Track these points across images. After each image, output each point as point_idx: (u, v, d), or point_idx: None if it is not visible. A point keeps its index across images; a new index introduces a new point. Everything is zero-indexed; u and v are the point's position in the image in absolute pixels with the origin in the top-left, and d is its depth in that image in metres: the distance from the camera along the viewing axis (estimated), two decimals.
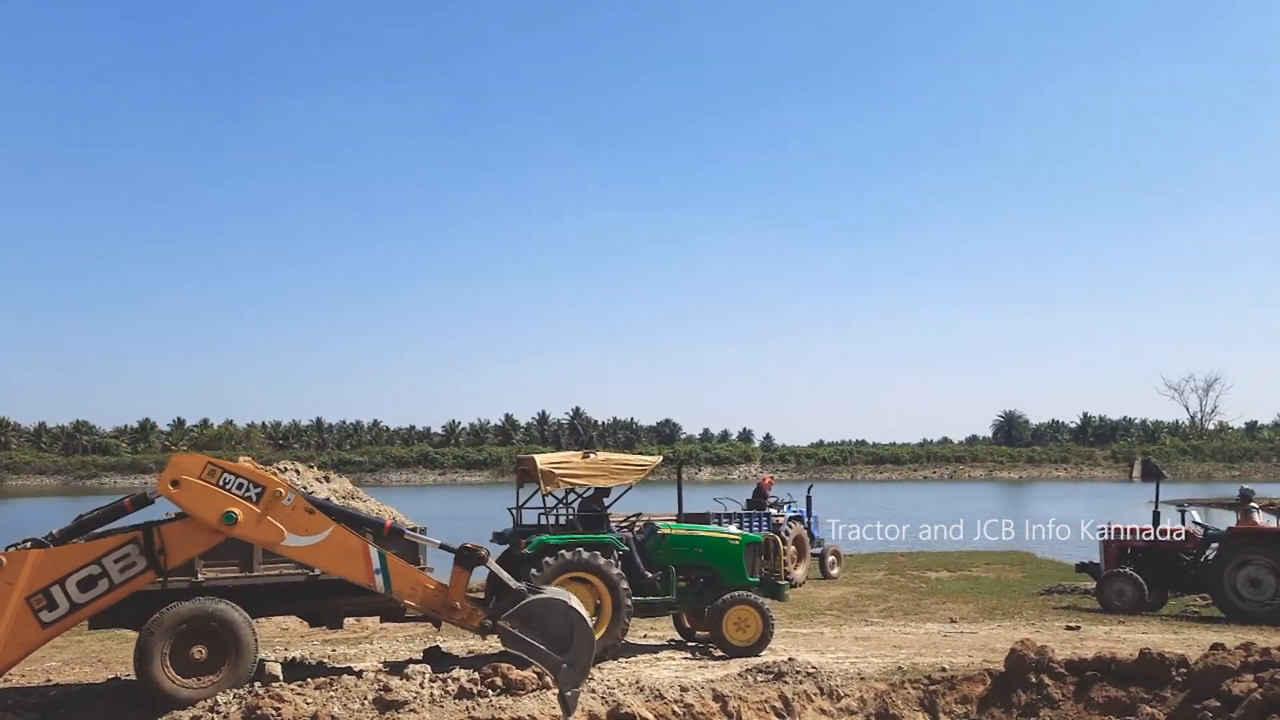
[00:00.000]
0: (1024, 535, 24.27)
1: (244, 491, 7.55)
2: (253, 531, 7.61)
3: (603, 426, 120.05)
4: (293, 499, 7.66)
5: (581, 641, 7.62)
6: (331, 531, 7.73)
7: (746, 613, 10.70)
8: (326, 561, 7.89)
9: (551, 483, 10.71)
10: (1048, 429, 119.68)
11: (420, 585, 7.97)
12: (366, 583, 7.83)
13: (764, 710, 8.87)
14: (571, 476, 10.85)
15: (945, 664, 9.85)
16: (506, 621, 7.59)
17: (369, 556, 7.77)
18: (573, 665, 7.56)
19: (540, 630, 7.57)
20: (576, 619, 7.68)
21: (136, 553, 7.67)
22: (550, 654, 7.54)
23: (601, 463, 11.07)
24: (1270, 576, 13.92)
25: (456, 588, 7.90)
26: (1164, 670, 8.61)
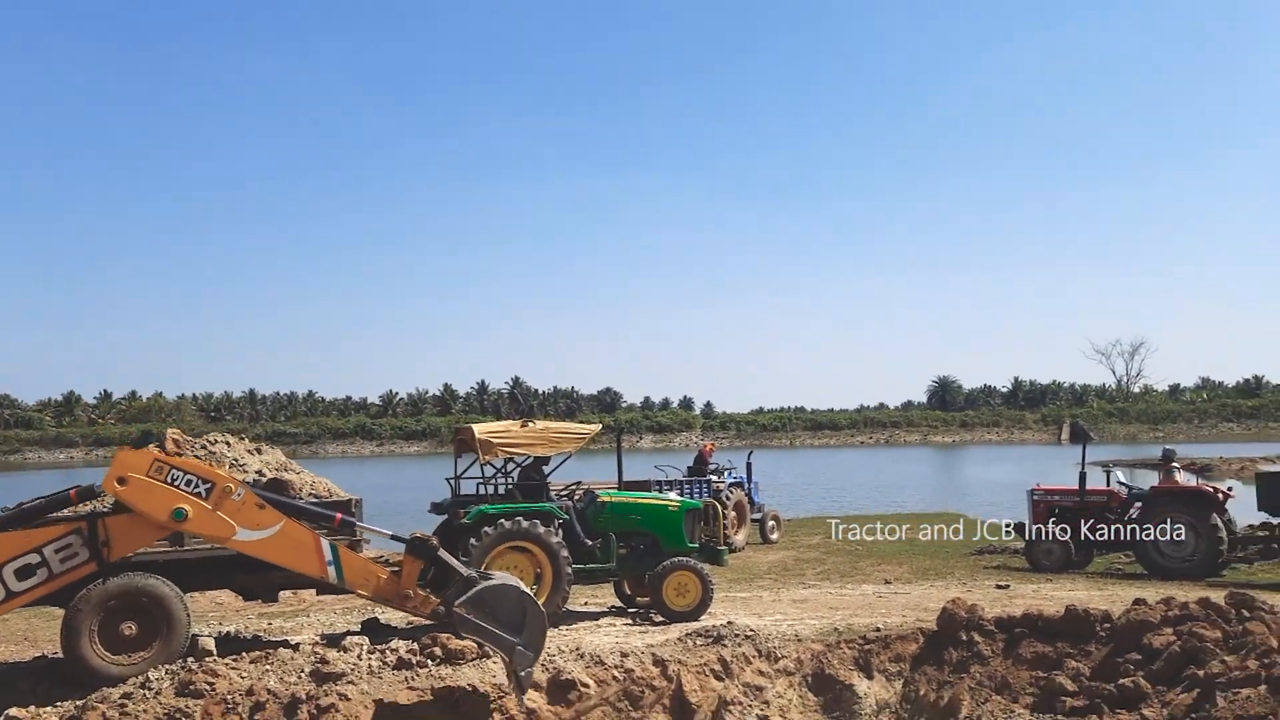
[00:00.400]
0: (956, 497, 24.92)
1: (193, 487, 7.52)
2: (203, 527, 7.57)
3: (543, 396, 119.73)
4: (243, 494, 7.65)
5: (534, 623, 7.75)
6: (283, 525, 7.75)
7: (686, 578, 10.79)
8: (278, 555, 7.89)
9: (490, 452, 10.66)
10: (980, 394, 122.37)
11: (373, 575, 7.98)
12: (319, 575, 7.86)
13: (703, 673, 8.97)
14: (510, 446, 10.80)
15: (880, 624, 10.05)
16: (461, 608, 7.65)
17: (321, 549, 7.79)
18: (526, 646, 7.70)
19: (493, 614, 7.68)
20: (528, 602, 7.83)
21: (79, 543, 7.60)
22: (504, 636, 7.65)
23: (540, 431, 11.04)
24: (1190, 534, 14.43)
25: (409, 577, 7.92)
26: (1089, 626, 8.88)
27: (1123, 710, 7.72)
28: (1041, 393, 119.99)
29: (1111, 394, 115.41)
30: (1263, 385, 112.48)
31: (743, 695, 8.95)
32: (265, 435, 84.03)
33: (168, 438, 10.41)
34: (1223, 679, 7.29)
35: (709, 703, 8.84)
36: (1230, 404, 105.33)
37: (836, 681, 9.27)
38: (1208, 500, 14.71)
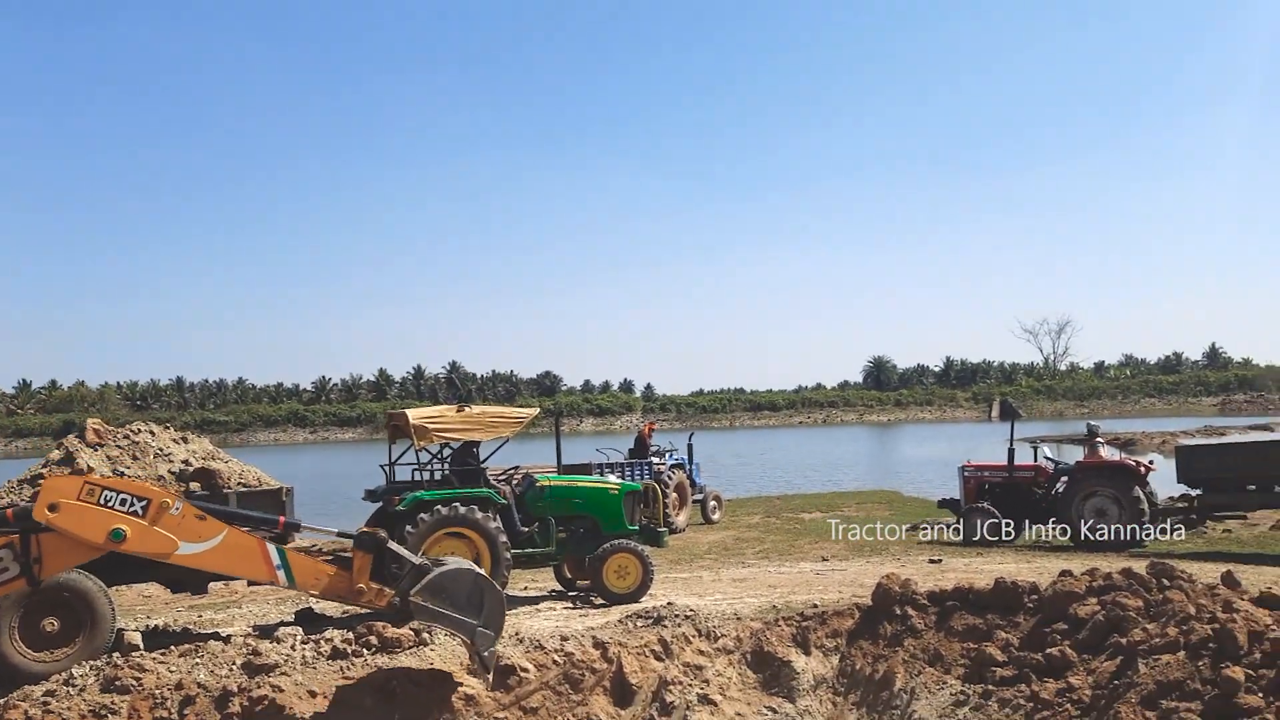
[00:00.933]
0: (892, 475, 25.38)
1: (128, 506, 7.33)
2: (143, 545, 7.38)
3: (481, 380, 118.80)
4: (181, 507, 7.49)
5: (492, 603, 7.79)
6: (226, 534, 7.59)
7: (626, 560, 10.81)
8: (224, 565, 7.75)
9: (425, 438, 10.53)
10: (914, 373, 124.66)
11: (323, 574, 7.85)
12: (269, 580, 7.75)
13: (644, 654, 9.00)
14: (446, 431, 10.67)
15: (817, 600, 10.18)
16: (417, 596, 7.60)
17: (268, 554, 7.66)
18: (486, 626, 7.72)
19: (451, 599, 7.66)
20: (484, 583, 7.85)
21: (10, 558, 7.38)
22: (464, 620, 7.66)
23: (477, 416, 10.91)
24: (1114, 507, 14.88)
25: (360, 572, 7.79)
26: (1017, 597, 9.10)
27: (1050, 678, 7.94)
28: (972, 371, 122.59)
29: (1039, 372, 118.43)
30: (1182, 362, 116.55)
31: (683, 675, 9.01)
32: (193, 424, 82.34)
33: (88, 428, 10.10)
34: (1144, 646, 7.53)
35: (649, 683, 8.88)
36: (1152, 380, 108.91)
37: (775, 658, 9.38)
38: (1130, 474, 15.17)
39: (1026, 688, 7.98)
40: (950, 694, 8.47)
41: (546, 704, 8.44)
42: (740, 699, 9.06)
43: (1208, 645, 7.14)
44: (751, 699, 9.08)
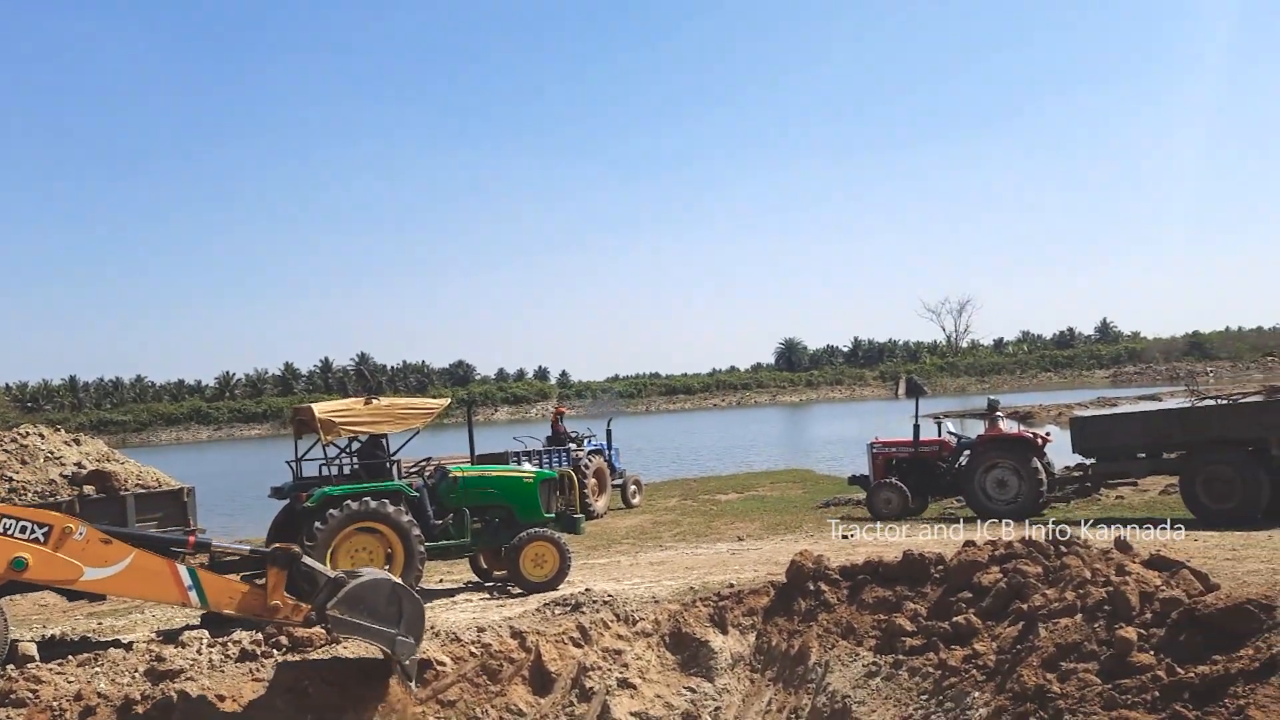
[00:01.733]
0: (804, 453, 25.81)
1: (29, 534, 7.06)
2: (46, 573, 7.11)
3: (392, 371, 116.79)
4: (85, 532, 7.23)
5: (411, 611, 7.70)
6: (133, 558, 7.33)
7: (543, 548, 10.77)
8: (133, 589, 7.52)
9: (332, 432, 10.24)
10: (824, 354, 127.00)
11: (236, 592, 7.64)
12: (181, 602, 7.52)
13: (562, 641, 9.00)
14: (353, 424, 10.41)
15: (733, 580, 10.31)
16: (335, 609, 7.44)
17: (178, 575, 7.43)
18: (407, 635, 7.63)
19: (370, 611, 7.54)
20: (403, 592, 7.75)
21: None
22: (384, 630, 7.55)
23: (385, 408, 10.67)
24: (1014, 478, 15.43)
25: (275, 588, 7.60)
26: (924, 569, 9.35)
27: (957, 646, 8.19)
28: (879, 350, 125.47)
29: (942, 350, 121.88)
30: (1075, 337, 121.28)
31: (602, 660, 9.03)
32: (89, 425, 79.07)
33: None
34: (1044, 610, 7.82)
35: (569, 670, 8.88)
36: (1048, 355, 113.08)
37: (693, 639, 9.47)
38: (1028, 445, 15.75)
39: (935, 656, 8.21)
40: (863, 665, 8.68)
41: (465, 696, 8.37)
42: (660, 681, 9.13)
43: (1103, 607, 7.44)
44: (671, 680, 9.16)
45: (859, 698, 8.38)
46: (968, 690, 7.65)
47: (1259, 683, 5.92)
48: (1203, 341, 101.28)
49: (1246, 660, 6.14)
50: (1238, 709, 5.83)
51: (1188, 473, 13.75)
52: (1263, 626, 6.33)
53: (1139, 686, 6.46)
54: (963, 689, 7.69)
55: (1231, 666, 6.16)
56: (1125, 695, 6.47)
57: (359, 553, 9.95)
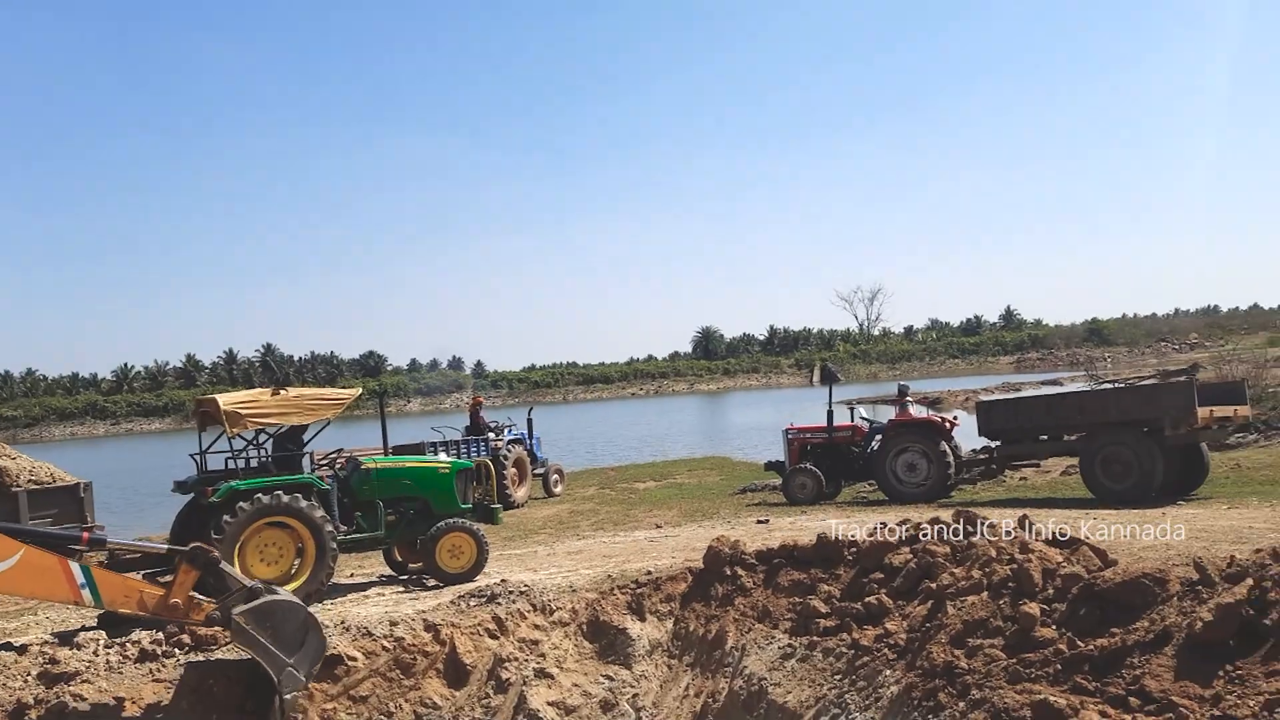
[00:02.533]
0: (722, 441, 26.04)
1: None
2: None
3: (300, 363, 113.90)
4: None
5: (312, 648, 7.43)
6: (22, 555, 6.93)
7: (460, 539, 10.65)
8: (21, 586, 7.11)
9: (238, 424, 9.90)
10: (740, 342, 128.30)
11: (133, 590, 7.28)
12: (73, 600, 7.13)
13: (478, 633, 8.88)
14: (261, 416, 10.09)
15: (650, 567, 10.32)
16: (241, 617, 7.16)
17: (71, 573, 7.05)
18: (297, 669, 7.32)
19: (275, 631, 7.25)
20: (313, 626, 7.47)
21: None
22: (279, 655, 7.23)
23: (294, 399, 10.36)
24: (923, 461, 15.81)
25: (181, 586, 7.27)
26: (837, 551, 9.50)
27: (869, 625, 8.34)
28: (795, 339, 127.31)
29: (855, 337, 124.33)
30: (982, 324, 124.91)
31: (518, 651, 8.95)
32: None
33: None
34: (952, 589, 8.01)
35: (484, 662, 8.77)
36: (955, 342, 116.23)
37: (611, 627, 9.45)
38: (937, 429, 16.15)
39: (848, 636, 8.35)
40: (778, 648, 8.77)
41: (377, 691, 8.21)
42: (577, 670, 9.09)
43: (1007, 585, 7.65)
44: (588, 669, 9.13)
45: (775, 680, 8.47)
46: (879, 669, 7.79)
47: (1154, 653, 6.14)
48: (1101, 328, 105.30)
49: (1142, 632, 6.37)
50: (1134, 679, 6.05)
51: (1087, 454, 14.26)
52: (1157, 599, 6.58)
53: (1042, 660, 6.65)
54: (875, 668, 7.83)
55: (1128, 638, 6.38)
56: (1029, 669, 6.65)
57: (268, 548, 9.68)
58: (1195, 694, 5.69)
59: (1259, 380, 25.19)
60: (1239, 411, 14.72)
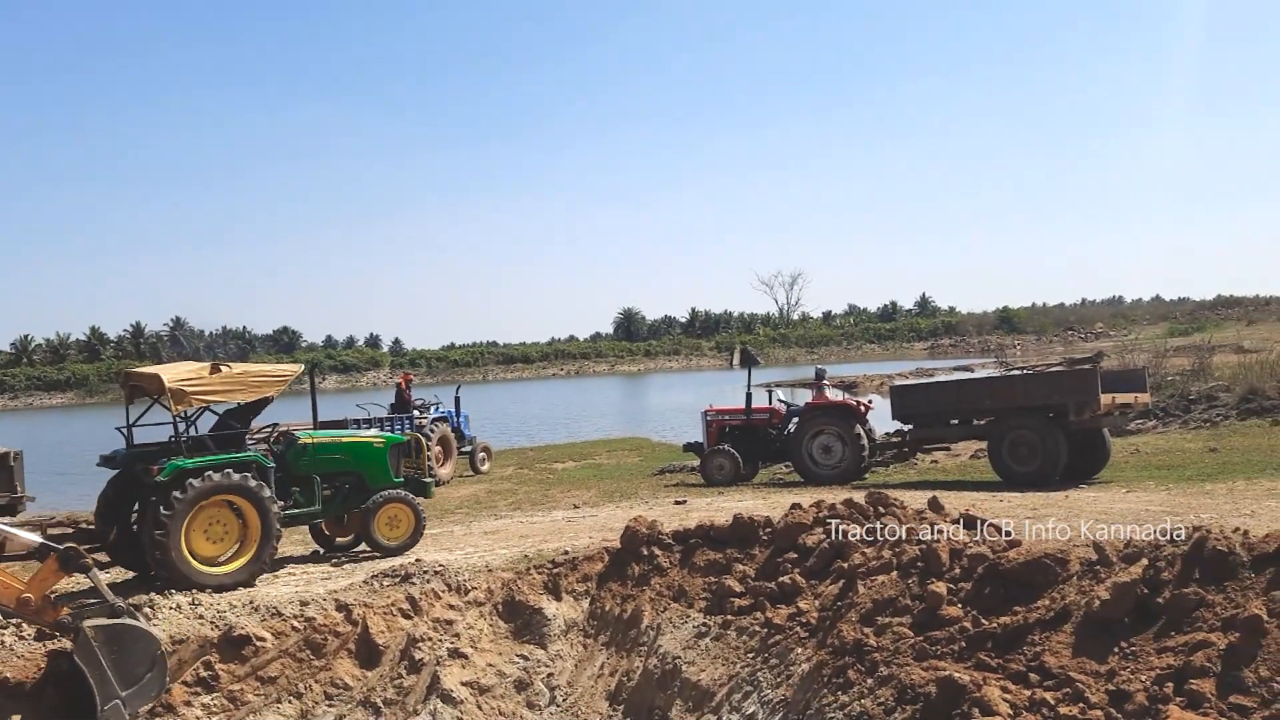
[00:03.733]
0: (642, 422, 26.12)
1: None
2: None
3: (210, 337, 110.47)
4: None
5: (149, 687, 7.13)
6: None
7: (398, 510, 10.86)
8: None
9: (183, 401, 9.55)
10: (662, 324, 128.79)
11: None
12: None
13: (391, 613, 8.75)
14: (205, 393, 9.79)
15: (568, 547, 10.29)
16: (92, 630, 6.85)
17: None
18: (124, 705, 6.97)
19: (118, 658, 6.94)
20: (159, 665, 7.18)
21: None
22: (113, 684, 6.89)
23: (238, 375, 10.14)
24: (838, 443, 16.07)
25: (41, 582, 6.94)
26: (753, 531, 9.61)
27: (782, 604, 8.46)
28: (716, 322, 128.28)
29: (775, 321, 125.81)
30: (898, 311, 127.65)
31: (432, 630, 8.84)
32: None
33: None
34: (863, 568, 8.17)
35: (397, 642, 8.65)
36: (872, 328, 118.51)
37: (527, 607, 9.41)
38: (851, 413, 16.42)
39: (761, 615, 8.45)
40: (693, 627, 8.84)
41: (286, 672, 8.03)
42: (492, 649, 9.02)
43: (916, 564, 7.84)
44: (503, 649, 9.07)
45: (689, 658, 8.54)
46: (791, 647, 7.91)
47: (1053, 630, 6.36)
48: (1011, 316, 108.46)
49: (1043, 610, 6.58)
50: (1034, 655, 6.25)
51: (995, 437, 14.67)
52: (1057, 578, 6.80)
53: (948, 638, 6.83)
54: (787, 646, 7.95)
55: (1030, 616, 6.59)
56: (935, 646, 6.83)
57: (213, 526, 9.44)
58: (1092, 670, 5.91)
59: (1159, 369, 26.23)
60: (1139, 399, 15.30)
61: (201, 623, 8.05)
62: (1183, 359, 29.42)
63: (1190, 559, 6.15)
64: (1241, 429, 18.37)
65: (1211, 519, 8.86)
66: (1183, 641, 5.71)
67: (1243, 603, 5.68)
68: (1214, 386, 22.20)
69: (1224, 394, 21.04)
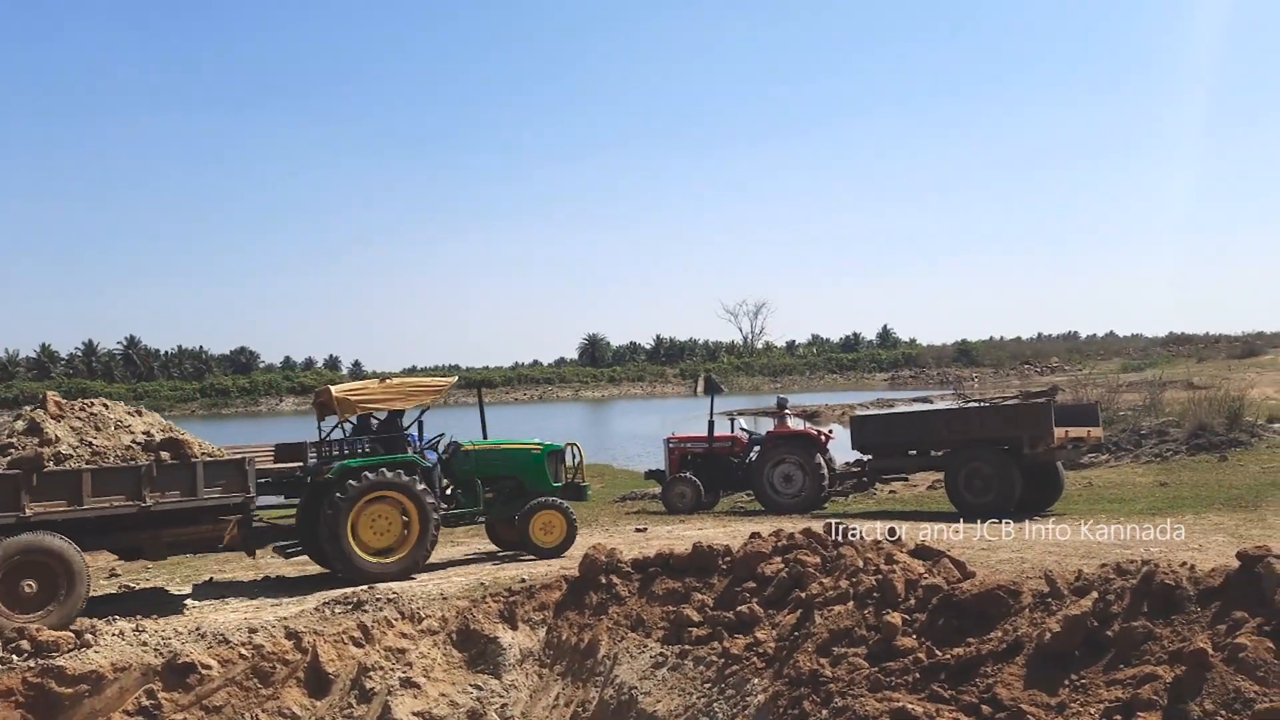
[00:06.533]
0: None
1: None
2: None
3: (166, 356, 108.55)
4: None
5: None
6: None
7: (551, 516, 11.60)
8: None
9: (349, 410, 10.93)
10: (627, 350, 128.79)
11: None
12: None
13: (342, 641, 8.61)
14: (368, 402, 11.09)
15: (525, 575, 10.21)
16: None
17: None
18: None
19: None
20: None
21: None
22: None
23: (397, 386, 11.40)
24: (799, 472, 16.12)
25: None
26: (712, 560, 9.60)
27: (740, 634, 8.44)
28: (680, 349, 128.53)
29: (739, 350, 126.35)
30: (860, 341, 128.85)
31: (384, 660, 8.71)
32: None
33: (48, 400, 9.58)
34: (820, 598, 8.19)
35: (348, 671, 8.51)
36: (834, 358, 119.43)
37: (482, 636, 9.30)
38: (812, 442, 16.50)
39: (719, 645, 8.43)
40: (650, 656, 8.79)
41: (232, 701, 7.86)
42: (445, 679, 8.90)
43: (872, 595, 7.87)
44: (457, 678, 8.96)
45: (645, 688, 8.48)
46: (748, 677, 7.89)
47: (1006, 662, 6.40)
48: (970, 349, 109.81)
49: (996, 641, 6.63)
50: (987, 687, 6.29)
51: (951, 469, 14.80)
52: (1010, 610, 6.86)
53: (902, 669, 6.85)
54: (744, 676, 7.93)
55: (983, 648, 6.63)
56: (890, 677, 6.84)
57: (378, 520, 10.51)
58: (1042, 702, 5.95)
59: (1111, 403, 26.65)
60: (1092, 433, 15.53)
61: (145, 649, 7.87)
62: (1135, 394, 29.91)
63: (1139, 592, 6.23)
64: (1191, 464, 18.70)
65: (1160, 553, 9.00)
66: (1131, 674, 5.77)
67: (1189, 636, 5.76)
68: (1165, 422, 22.59)
69: (1174, 429, 21.40)
